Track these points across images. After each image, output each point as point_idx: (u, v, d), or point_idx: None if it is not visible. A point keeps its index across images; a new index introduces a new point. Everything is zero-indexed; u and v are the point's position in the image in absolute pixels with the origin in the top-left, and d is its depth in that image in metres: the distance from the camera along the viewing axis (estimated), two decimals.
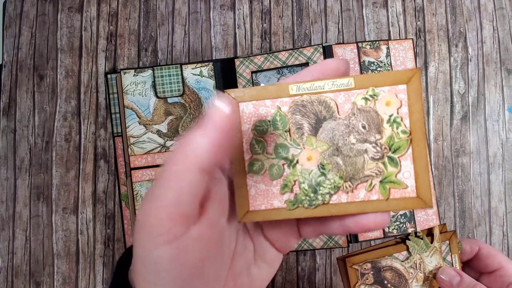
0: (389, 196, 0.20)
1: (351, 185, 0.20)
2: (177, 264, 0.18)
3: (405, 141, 0.20)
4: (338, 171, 0.20)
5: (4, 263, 0.51)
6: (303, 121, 0.21)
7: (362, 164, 0.20)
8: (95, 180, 0.52)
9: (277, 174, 0.21)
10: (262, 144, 0.21)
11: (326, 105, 0.20)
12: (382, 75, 0.20)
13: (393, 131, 0.20)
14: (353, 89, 0.20)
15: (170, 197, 0.18)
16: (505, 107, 0.54)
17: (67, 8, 0.55)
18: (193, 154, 0.18)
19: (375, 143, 0.20)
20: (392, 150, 0.20)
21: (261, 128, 0.21)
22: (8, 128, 0.53)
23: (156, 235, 0.18)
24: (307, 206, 0.20)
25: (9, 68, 0.54)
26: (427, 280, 0.37)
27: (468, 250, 0.37)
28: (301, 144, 0.20)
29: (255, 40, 0.55)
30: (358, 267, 0.37)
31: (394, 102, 0.20)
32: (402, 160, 0.20)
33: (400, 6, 0.55)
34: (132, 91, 0.50)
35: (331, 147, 0.20)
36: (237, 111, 0.21)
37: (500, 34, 0.55)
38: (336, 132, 0.20)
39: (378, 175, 0.20)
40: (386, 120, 0.20)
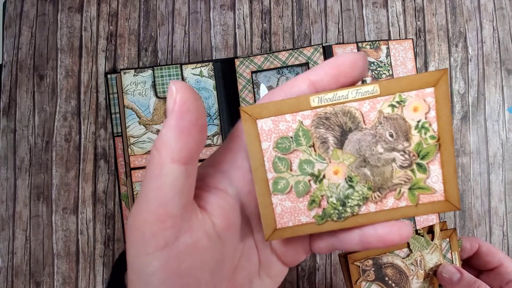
0: (418, 202, 0.20)
1: (380, 194, 0.20)
2: (168, 273, 0.18)
3: (434, 146, 0.19)
4: (366, 182, 0.20)
5: (4, 263, 0.51)
6: (327, 135, 0.20)
7: (390, 173, 0.20)
8: (95, 180, 0.52)
9: (304, 191, 0.20)
10: (286, 161, 0.20)
11: (351, 116, 0.19)
12: (408, 78, 0.19)
13: (421, 137, 0.19)
14: (378, 96, 0.19)
15: (154, 197, 0.17)
16: (505, 107, 0.54)
17: (67, 8, 0.55)
18: (163, 146, 0.17)
19: (403, 151, 0.19)
20: (421, 156, 0.19)
21: (283, 145, 0.20)
22: (8, 128, 0.53)
23: (146, 240, 0.17)
24: (336, 219, 0.20)
25: (9, 68, 0.54)
26: (428, 277, 0.37)
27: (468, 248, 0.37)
28: (327, 158, 0.20)
29: (255, 40, 0.55)
30: (360, 263, 0.38)
31: (422, 107, 0.19)
32: (431, 165, 0.19)
33: (400, 6, 0.55)
34: (132, 91, 0.50)
35: (358, 159, 0.20)
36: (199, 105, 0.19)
37: (500, 34, 0.55)
38: (362, 143, 0.20)
39: (407, 183, 0.20)
40: (414, 126, 0.19)
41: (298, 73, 0.52)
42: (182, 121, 0.17)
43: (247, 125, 0.20)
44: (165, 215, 0.17)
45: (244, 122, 0.20)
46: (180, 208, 0.18)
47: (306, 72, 0.20)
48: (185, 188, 0.18)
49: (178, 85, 0.17)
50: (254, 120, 0.20)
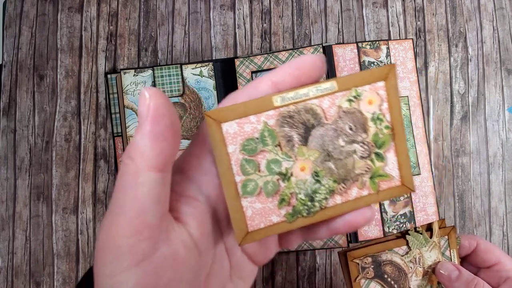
0: (379, 189, 0.21)
1: (344, 186, 0.21)
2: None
3: (389, 135, 0.21)
4: (331, 176, 0.20)
5: (4, 263, 0.51)
6: (292, 133, 0.20)
7: (352, 164, 0.21)
8: (95, 180, 0.52)
9: (273, 191, 0.20)
10: (253, 163, 0.20)
11: (313, 113, 0.20)
12: (362, 74, 0.20)
13: (377, 128, 0.20)
14: (336, 92, 0.20)
15: (130, 208, 0.16)
16: (505, 107, 0.54)
17: (67, 8, 0.55)
18: (137, 153, 0.17)
19: (362, 142, 0.20)
20: (378, 146, 0.21)
21: (249, 147, 0.20)
22: (8, 128, 0.53)
23: (122, 255, 0.16)
24: (306, 215, 0.20)
25: (9, 68, 0.54)
26: (426, 275, 0.38)
27: (467, 245, 0.38)
28: (293, 156, 0.20)
29: (255, 40, 0.55)
30: (359, 261, 0.38)
31: (376, 99, 0.20)
32: (387, 153, 0.21)
33: (400, 6, 0.55)
34: (132, 91, 0.50)
35: (322, 154, 0.20)
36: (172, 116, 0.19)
37: (500, 34, 0.55)
38: (325, 138, 0.20)
39: (368, 172, 0.21)
40: (370, 118, 0.20)
41: None
42: (157, 126, 0.17)
43: (212, 130, 0.19)
44: (142, 225, 0.16)
45: (209, 127, 0.19)
46: (158, 218, 0.17)
47: (267, 74, 0.20)
48: (161, 197, 0.17)
49: (151, 91, 0.17)
50: (218, 124, 0.19)
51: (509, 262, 0.35)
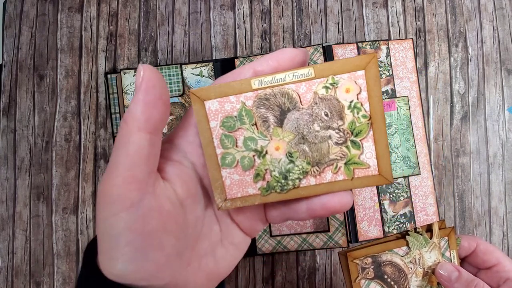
0: (353, 176, 0.21)
1: (318, 169, 0.21)
2: (133, 234, 0.19)
3: (366, 124, 0.21)
4: (305, 158, 0.21)
5: (4, 263, 0.51)
6: (268, 114, 0.21)
7: (327, 149, 0.21)
8: (95, 180, 0.52)
9: (249, 165, 0.22)
10: (231, 138, 0.22)
11: (288, 97, 0.21)
12: (341, 62, 0.21)
13: (354, 116, 0.21)
14: (313, 79, 0.21)
15: (121, 162, 0.19)
16: (505, 107, 0.54)
17: (67, 8, 0.55)
18: (130, 117, 0.19)
19: (338, 129, 0.21)
20: (354, 134, 0.21)
21: (228, 124, 0.22)
22: (8, 128, 0.53)
23: (113, 202, 0.19)
24: (279, 191, 0.22)
25: (9, 68, 0.54)
26: (426, 275, 0.38)
27: (466, 246, 0.38)
28: (268, 135, 0.21)
29: (255, 40, 0.55)
30: (359, 261, 0.38)
31: (353, 88, 0.21)
32: (364, 142, 0.21)
33: (400, 6, 0.55)
34: (132, 91, 0.50)
35: (297, 136, 0.21)
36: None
37: (500, 34, 0.55)
38: (300, 121, 0.21)
39: (343, 158, 0.21)
40: (347, 106, 0.21)
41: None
42: (148, 95, 0.19)
43: (196, 106, 0.22)
44: (131, 178, 0.19)
45: (193, 103, 0.22)
46: (145, 173, 0.19)
47: (252, 62, 0.22)
48: (150, 156, 0.20)
49: (145, 66, 0.20)
50: (202, 101, 0.22)
51: (509, 263, 0.36)
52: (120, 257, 0.19)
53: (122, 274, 0.19)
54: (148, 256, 0.19)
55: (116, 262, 0.19)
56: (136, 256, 0.19)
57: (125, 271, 0.19)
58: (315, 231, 0.50)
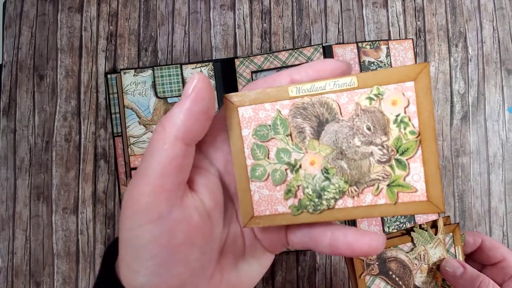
0: (397, 200, 0.19)
1: (356, 189, 0.19)
2: (159, 247, 0.18)
3: (414, 142, 0.19)
4: (342, 175, 0.19)
5: (4, 263, 0.51)
6: (304, 125, 0.20)
7: (368, 167, 0.19)
8: (95, 180, 0.52)
9: (280, 180, 0.20)
10: (264, 149, 0.20)
11: (328, 107, 0.19)
12: (388, 71, 0.19)
13: (401, 132, 0.19)
14: (356, 89, 0.19)
15: (152, 170, 0.18)
16: (505, 107, 0.54)
17: (67, 8, 0.55)
18: (170, 123, 0.18)
19: (381, 145, 0.19)
20: (400, 152, 0.19)
21: (261, 133, 0.20)
22: (8, 128, 0.53)
23: (141, 212, 0.18)
24: (312, 212, 0.20)
25: (9, 68, 0.54)
26: (431, 272, 0.38)
27: (471, 242, 0.38)
28: (304, 148, 0.20)
29: (255, 40, 0.55)
30: (364, 257, 0.38)
31: (401, 100, 0.19)
32: (411, 162, 0.19)
33: (400, 6, 0.55)
34: (132, 91, 0.50)
35: (335, 151, 0.19)
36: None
37: (500, 34, 0.55)
38: (339, 134, 0.19)
39: (386, 179, 0.19)
40: (393, 120, 0.19)
41: None
42: (195, 106, 0.18)
43: (229, 112, 0.20)
44: (161, 188, 0.18)
45: (226, 109, 0.20)
46: (176, 184, 0.18)
47: (289, 69, 0.21)
48: (182, 167, 0.19)
49: (201, 75, 0.19)
50: (236, 107, 0.20)
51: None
52: (142, 270, 0.18)
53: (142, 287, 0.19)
54: (172, 270, 0.18)
55: (138, 275, 0.18)
56: (159, 270, 0.18)
57: (146, 284, 0.18)
58: None
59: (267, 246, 0.23)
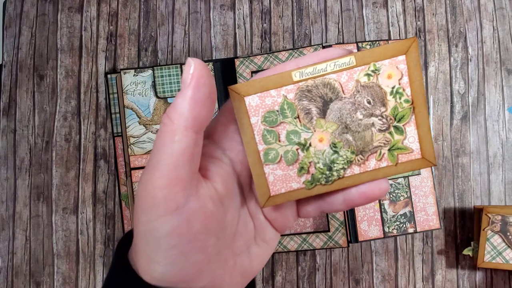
0: (397, 162, 0.21)
1: (362, 157, 0.21)
2: (177, 236, 0.18)
3: (408, 109, 0.21)
4: (349, 147, 0.21)
5: (4, 263, 0.51)
6: (310, 106, 0.21)
7: (370, 137, 0.21)
8: (95, 180, 0.52)
9: (292, 159, 0.22)
10: (274, 133, 0.22)
11: (330, 87, 0.21)
12: (381, 48, 0.20)
13: (397, 102, 0.21)
14: (355, 67, 0.21)
15: (164, 162, 0.18)
16: (505, 107, 0.54)
17: (67, 8, 0.55)
18: (176, 114, 0.18)
19: (380, 116, 0.21)
20: (397, 119, 0.21)
21: (270, 118, 0.21)
22: (8, 128, 0.53)
23: (158, 205, 0.18)
24: (324, 183, 0.21)
25: (9, 68, 0.54)
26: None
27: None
28: (312, 127, 0.21)
29: (255, 40, 0.55)
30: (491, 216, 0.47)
31: (395, 74, 0.21)
32: (407, 127, 0.21)
33: (400, 6, 0.55)
34: (132, 91, 0.50)
35: (340, 126, 0.21)
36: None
37: (500, 34, 0.55)
38: (343, 111, 0.21)
39: (386, 145, 0.21)
40: (389, 92, 0.21)
41: None
42: (198, 93, 0.19)
43: (236, 102, 0.21)
44: (176, 179, 0.18)
45: (233, 100, 0.21)
46: (190, 174, 0.19)
47: (295, 59, 0.22)
48: (194, 156, 0.19)
49: (196, 61, 0.19)
50: (242, 97, 0.21)
51: None
52: (162, 261, 0.19)
53: (162, 277, 0.19)
54: (191, 259, 0.19)
55: (157, 265, 0.19)
56: (179, 259, 0.19)
57: (166, 274, 0.19)
58: (315, 231, 0.50)
59: (278, 225, 0.24)
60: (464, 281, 0.51)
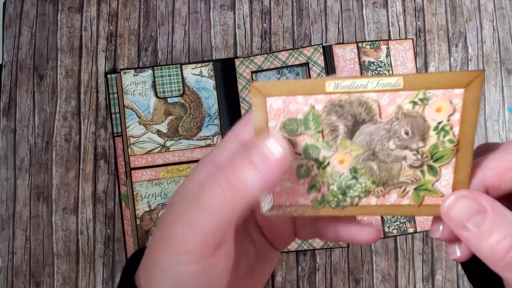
0: (421, 203, 0.19)
1: (383, 190, 0.19)
2: (201, 278, 0.18)
3: (450, 150, 0.18)
4: (371, 176, 0.19)
5: (4, 263, 0.51)
6: (339, 123, 0.19)
7: (398, 170, 0.19)
8: (95, 180, 0.52)
9: (305, 175, 0.20)
10: (291, 143, 0.19)
11: (367, 107, 0.18)
12: (438, 75, 0.18)
13: (439, 139, 0.18)
14: (400, 90, 0.18)
15: (207, 224, 0.17)
16: (505, 107, 0.54)
17: (67, 8, 0.55)
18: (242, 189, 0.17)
19: (416, 151, 0.18)
20: (434, 159, 0.18)
21: (290, 127, 0.19)
22: (8, 128, 0.53)
23: (185, 254, 0.17)
24: (334, 207, 0.20)
25: (9, 68, 0.54)
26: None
27: None
28: (334, 146, 0.19)
29: (255, 40, 0.55)
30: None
31: (446, 108, 0.18)
32: (443, 168, 0.18)
33: (400, 6, 0.55)
34: (132, 91, 0.50)
35: (367, 152, 0.19)
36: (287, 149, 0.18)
37: (500, 34, 0.55)
38: (374, 136, 0.19)
39: (414, 183, 0.19)
40: (434, 127, 0.18)
41: (298, 73, 0.52)
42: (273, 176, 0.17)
43: (256, 101, 0.19)
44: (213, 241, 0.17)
45: (253, 98, 0.19)
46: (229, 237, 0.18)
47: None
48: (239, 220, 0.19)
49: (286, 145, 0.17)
50: (264, 97, 0.19)
51: None
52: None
53: None
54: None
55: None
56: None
57: None
58: None
59: (276, 244, 0.24)
60: (464, 281, 0.51)
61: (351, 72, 0.52)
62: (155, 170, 0.50)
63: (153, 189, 0.50)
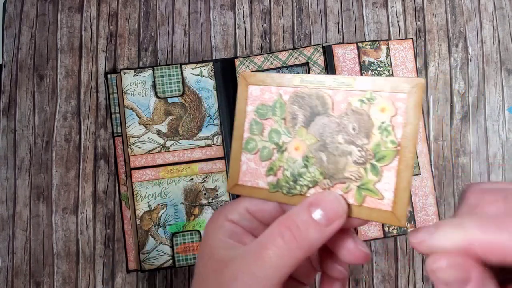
0: (362, 203, 0.20)
1: (329, 183, 0.21)
2: None
3: (392, 151, 0.19)
4: (320, 167, 0.21)
5: (4, 263, 0.51)
6: (298, 112, 0.21)
7: (344, 165, 0.20)
8: (95, 180, 0.52)
9: (267, 157, 0.22)
10: (260, 126, 0.22)
11: (322, 101, 0.21)
12: (385, 80, 0.19)
13: (382, 139, 0.19)
14: (353, 90, 0.20)
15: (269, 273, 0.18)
16: (505, 107, 0.54)
17: (67, 8, 0.55)
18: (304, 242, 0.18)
19: (360, 147, 0.20)
20: (377, 158, 0.19)
21: (262, 111, 0.22)
22: (8, 128, 0.53)
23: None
24: (285, 193, 0.21)
25: (9, 68, 0.54)
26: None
27: None
28: (293, 133, 0.22)
29: (255, 40, 0.55)
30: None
31: (389, 109, 0.19)
32: (385, 170, 0.19)
33: (400, 6, 0.55)
34: (132, 91, 0.50)
35: (319, 142, 0.21)
36: None
37: (500, 34, 0.55)
38: (326, 128, 0.21)
39: (357, 180, 0.20)
40: (377, 126, 0.19)
41: (298, 73, 0.52)
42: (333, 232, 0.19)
43: (241, 88, 0.23)
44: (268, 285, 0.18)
45: (239, 85, 0.23)
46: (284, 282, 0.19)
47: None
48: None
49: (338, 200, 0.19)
50: (247, 85, 0.22)
51: None
52: None
53: None
54: None
55: None
56: None
57: None
58: None
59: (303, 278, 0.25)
60: None
61: (351, 72, 0.52)
62: (155, 170, 0.50)
63: (153, 189, 0.50)
